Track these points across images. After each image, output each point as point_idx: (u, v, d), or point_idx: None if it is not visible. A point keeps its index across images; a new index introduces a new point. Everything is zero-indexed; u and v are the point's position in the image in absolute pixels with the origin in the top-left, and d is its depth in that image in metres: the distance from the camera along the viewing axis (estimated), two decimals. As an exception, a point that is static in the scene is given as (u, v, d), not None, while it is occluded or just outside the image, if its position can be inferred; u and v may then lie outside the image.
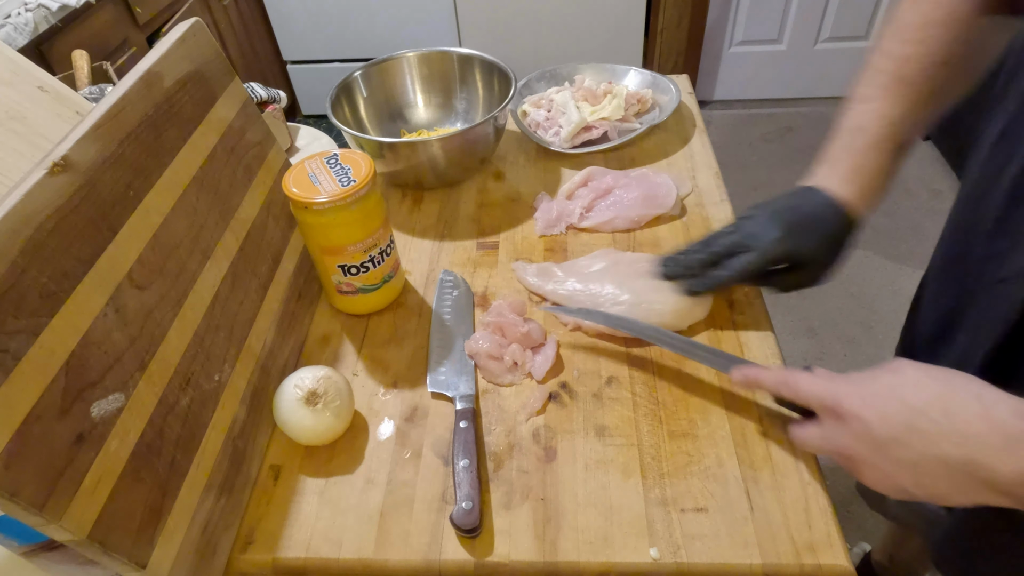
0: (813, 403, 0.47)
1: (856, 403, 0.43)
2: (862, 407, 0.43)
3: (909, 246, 1.92)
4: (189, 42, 0.57)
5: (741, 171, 2.21)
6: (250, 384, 0.55)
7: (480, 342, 0.60)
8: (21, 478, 0.34)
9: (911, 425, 0.41)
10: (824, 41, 2.38)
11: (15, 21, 1.24)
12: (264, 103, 0.93)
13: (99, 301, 0.42)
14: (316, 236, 0.59)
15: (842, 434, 0.44)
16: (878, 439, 0.42)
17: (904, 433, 0.41)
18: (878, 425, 0.42)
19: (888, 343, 1.68)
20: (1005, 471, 0.38)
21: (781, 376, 0.49)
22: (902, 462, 0.42)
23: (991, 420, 0.39)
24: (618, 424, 0.55)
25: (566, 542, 0.48)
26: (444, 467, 0.53)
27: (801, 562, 0.46)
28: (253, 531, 0.50)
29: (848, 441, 0.44)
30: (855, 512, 1.33)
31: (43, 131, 0.56)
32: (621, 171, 0.80)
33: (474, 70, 0.89)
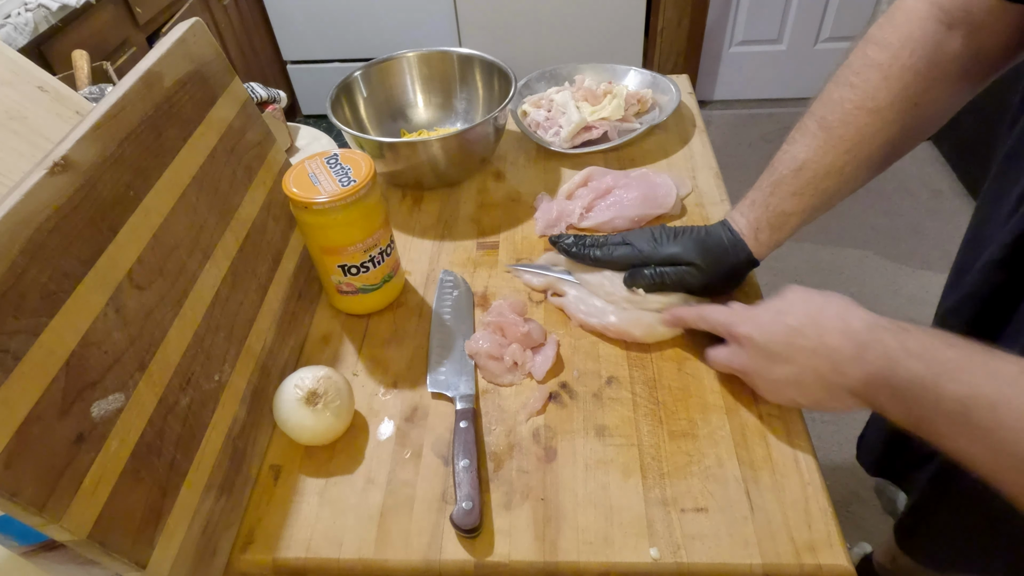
0: (720, 330, 0.54)
1: (748, 327, 0.51)
2: (753, 329, 0.51)
3: (909, 246, 1.92)
4: (189, 42, 0.57)
5: (741, 171, 2.19)
6: (250, 384, 0.55)
7: (480, 342, 0.60)
8: (21, 478, 0.34)
9: (791, 343, 0.48)
10: (824, 41, 2.38)
11: (15, 21, 1.24)
12: (264, 103, 0.93)
13: (99, 301, 0.42)
14: (316, 236, 0.59)
15: (739, 354, 0.52)
16: (767, 356, 0.50)
17: (786, 350, 0.49)
18: (765, 344, 0.50)
19: (888, 343, 1.68)
20: (855, 375, 0.45)
21: (697, 310, 0.57)
22: (787, 375, 0.49)
23: (847, 333, 0.46)
24: (618, 424, 0.55)
25: (566, 542, 0.48)
26: (444, 467, 0.53)
27: (801, 562, 0.46)
28: (253, 531, 0.50)
29: (744, 360, 0.52)
30: (855, 512, 1.33)
31: (43, 131, 0.56)
32: (621, 171, 0.80)
33: (474, 70, 0.89)
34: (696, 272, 0.60)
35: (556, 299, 0.66)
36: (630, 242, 0.64)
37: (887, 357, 0.43)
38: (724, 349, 0.54)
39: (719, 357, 0.54)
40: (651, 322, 0.60)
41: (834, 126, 0.55)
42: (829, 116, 0.56)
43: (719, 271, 0.60)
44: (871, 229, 1.97)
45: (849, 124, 0.54)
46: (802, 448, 0.52)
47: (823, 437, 1.45)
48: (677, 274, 0.60)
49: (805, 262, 1.88)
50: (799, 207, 0.57)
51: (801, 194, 0.57)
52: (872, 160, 0.56)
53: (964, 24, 0.51)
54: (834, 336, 0.46)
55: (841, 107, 0.55)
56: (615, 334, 0.61)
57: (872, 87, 0.53)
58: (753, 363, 0.51)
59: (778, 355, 0.49)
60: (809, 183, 0.56)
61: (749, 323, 0.51)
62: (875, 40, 0.54)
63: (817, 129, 0.56)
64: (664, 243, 0.62)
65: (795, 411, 0.55)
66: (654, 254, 0.61)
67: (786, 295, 0.51)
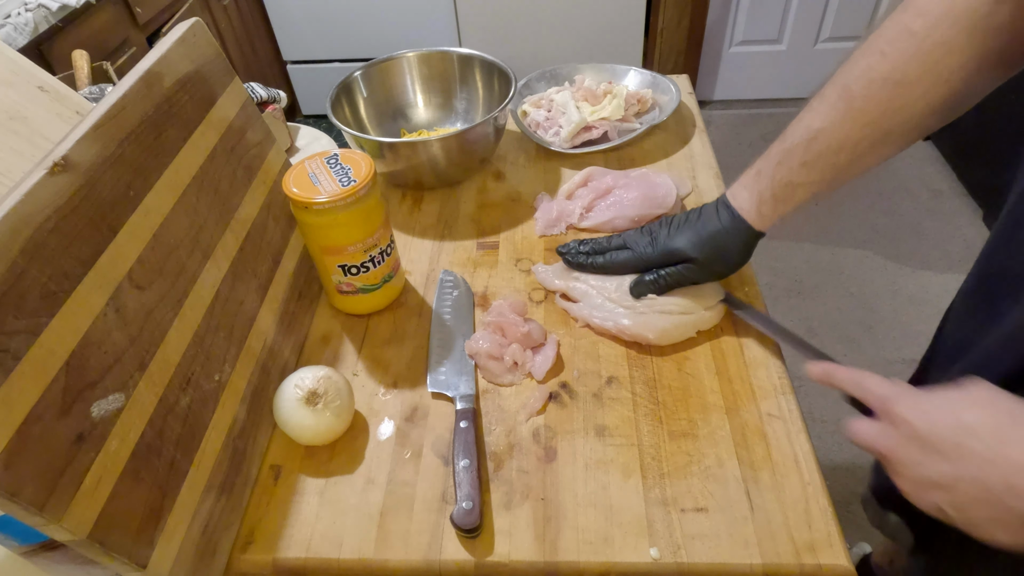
0: (874, 402, 0.47)
1: (910, 407, 0.43)
2: (915, 413, 0.43)
3: (909, 246, 1.92)
4: (189, 42, 0.57)
5: (741, 171, 2.20)
6: (250, 384, 0.55)
7: (480, 342, 0.60)
8: (21, 478, 0.34)
9: (958, 442, 0.40)
10: (824, 41, 2.38)
11: (15, 21, 1.24)
12: (264, 103, 0.93)
13: (99, 301, 0.42)
14: (316, 236, 0.59)
15: (890, 435, 0.44)
16: (922, 447, 0.42)
17: (950, 447, 0.40)
18: (925, 433, 0.41)
19: (888, 343, 1.68)
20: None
21: (854, 375, 0.49)
22: (942, 477, 0.41)
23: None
24: (618, 424, 0.55)
25: (566, 542, 0.48)
26: (444, 467, 0.53)
27: (801, 562, 0.46)
28: (253, 531, 0.50)
29: (894, 444, 0.44)
30: (855, 512, 1.32)
31: (43, 131, 0.56)
32: (621, 171, 0.80)
33: (474, 70, 0.89)
34: (695, 268, 0.59)
35: (565, 303, 0.65)
36: (629, 245, 0.63)
37: None
38: (872, 425, 0.46)
39: (864, 434, 0.46)
40: (664, 326, 0.60)
41: (856, 96, 0.51)
42: (852, 85, 0.51)
43: (719, 257, 0.59)
44: (871, 229, 1.97)
45: (872, 96, 0.50)
46: (802, 448, 0.52)
47: (823, 437, 1.45)
48: (677, 273, 0.60)
49: (805, 262, 1.88)
50: (807, 179, 0.54)
51: (811, 166, 0.54)
52: (891, 137, 0.52)
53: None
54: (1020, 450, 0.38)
55: (867, 76, 0.50)
56: (630, 337, 0.61)
57: (904, 58, 0.49)
58: (903, 451, 0.43)
59: (938, 450, 0.41)
60: (821, 155, 0.53)
61: (912, 405, 0.43)
62: (914, 7, 0.49)
63: (837, 99, 0.52)
64: (661, 240, 0.61)
65: (795, 410, 0.55)
66: (653, 255, 0.61)
67: (969, 388, 0.42)
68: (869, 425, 0.47)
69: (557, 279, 0.67)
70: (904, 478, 0.44)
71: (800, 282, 1.83)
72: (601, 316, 0.62)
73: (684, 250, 0.59)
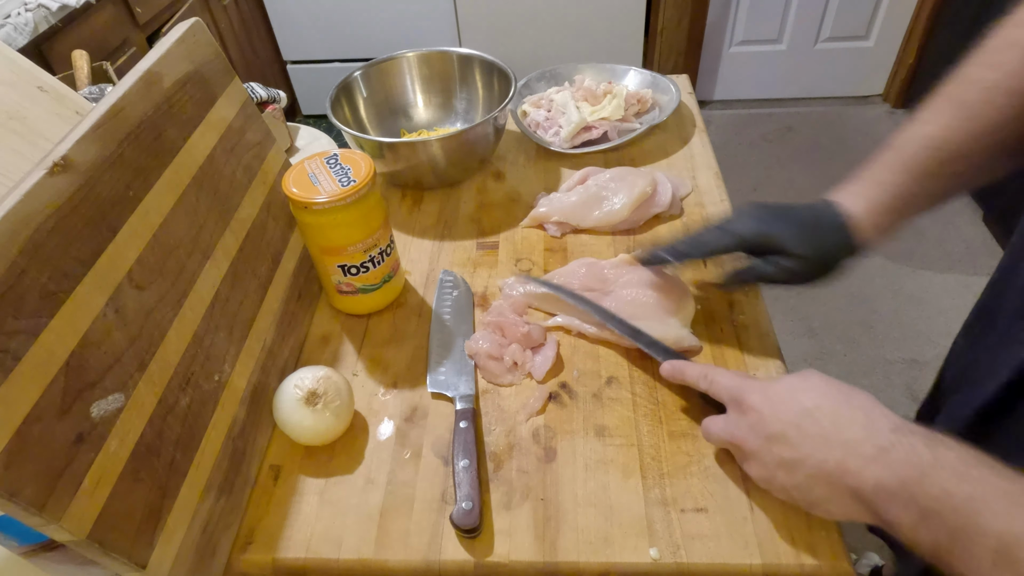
0: (724, 396, 0.49)
1: (756, 398, 0.46)
2: (761, 401, 0.46)
3: (909, 246, 1.92)
4: (189, 42, 0.57)
5: (741, 171, 2.21)
6: (250, 384, 0.55)
7: (480, 342, 0.60)
8: (21, 478, 0.34)
9: (799, 425, 0.43)
10: (824, 41, 2.38)
11: (15, 21, 1.24)
12: (264, 103, 0.93)
13: (99, 301, 0.42)
14: (316, 236, 0.59)
15: (739, 425, 0.47)
16: (768, 433, 0.45)
17: (792, 431, 0.43)
18: (770, 420, 0.45)
19: (888, 343, 1.68)
20: (868, 478, 0.39)
21: (702, 370, 0.52)
22: (785, 460, 0.44)
23: (870, 430, 0.41)
24: (618, 424, 0.55)
25: (566, 542, 0.48)
26: (444, 467, 0.53)
27: (801, 562, 0.46)
28: (253, 531, 0.50)
29: (743, 432, 0.47)
30: (855, 512, 1.32)
31: (43, 131, 0.56)
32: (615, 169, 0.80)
33: (474, 70, 0.89)
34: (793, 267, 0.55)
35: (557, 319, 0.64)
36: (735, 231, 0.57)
37: (916, 467, 0.38)
38: (722, 419, 0.49)
39: (715, 429, 0.49)
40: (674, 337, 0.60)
41: (969, 105, 0.50)
42: (964, 95, 0.50)
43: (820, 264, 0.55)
44: (871, 229, 1.97)
45: (988, 103, 0.49)
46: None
47: (823, 437, 1.45)
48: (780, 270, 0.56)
49: (805, 262, 1.88)
50: (926, 189, 0.52)
51: (935, 175, 0.52)
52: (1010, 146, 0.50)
53: None
54: (853, 429, 0.41)
55: (980, 86, 0.50)
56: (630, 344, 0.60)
57: (1013, 67, 0.48)
58: (752, 439, 0.46)
59: (781, 436, 0.44)
60: (944, 164, 0.51)
61: (759, 394, 0.46)
62: (1018, 19, 0.49)
63: (949, 108, 0.51)
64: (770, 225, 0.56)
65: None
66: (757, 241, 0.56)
67: (807, 376, 0.46)
68: (718, 419, 0.49)
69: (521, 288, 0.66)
70: (753, 464, 0.47)
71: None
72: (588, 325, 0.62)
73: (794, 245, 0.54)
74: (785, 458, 0.44)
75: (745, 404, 0.47)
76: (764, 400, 0.46)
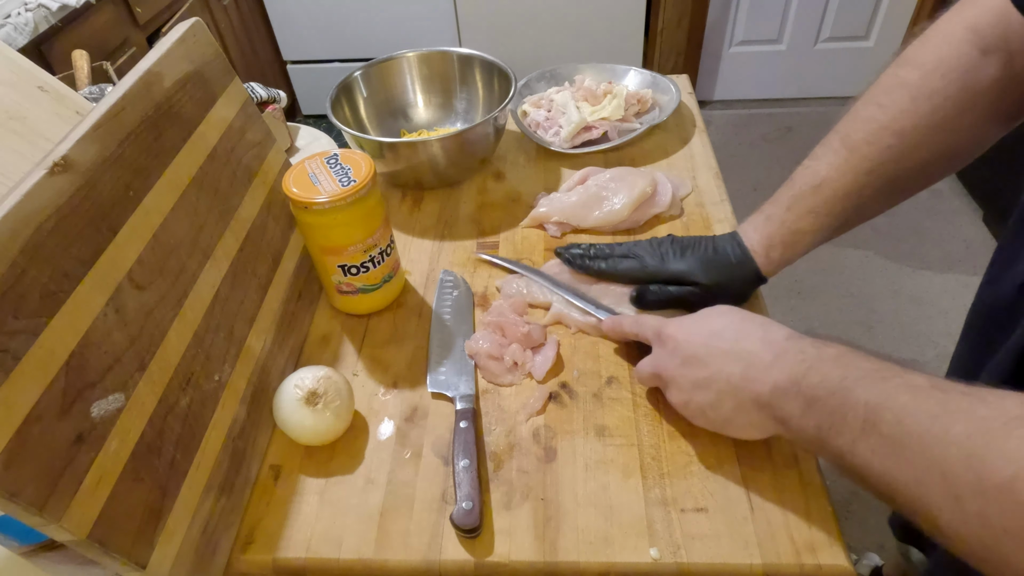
0: (650, 335, 0.53)
1: (672, 327, 0.51)
2: (676, 329, 0.50)
3: (909, 246, 1.92)
4: (189, 42, 0.57)
5: (741, 171, 2.21)
6: (250, 384, 0.55)
7: (480, 342, 0.60)
8: (21, 478, 0.34)
9: (708, 344, 0.47)
10: (824, 41, 2.38)
11: (15, 21, 1.24)
12: (264, 103, 0.93)
13: (99, 301, 0.42)
14: (316, 236, 0.59)
15: (660, 355, 0.51)
16: (683, 356, 0.49)
17: (702, 351, 0.47)
18: (684, 344, 0.49)
19: (888, 343, 1.68)
20: (766, 382, 0.43)
21: (634, 318, 0.57)
22: (698, 380, 0.47)
23: (766, 341, 0.45)
24: (618, 424, 0.55)
25: (566, 542, 0.48)
26: (444, 467, 0.53)
27: (801, 562, 0.46)
28: (253, 531, 0.50)
29: (663, 361, 0.51)
30: (855, 512, 1.33)
31: (43, 131, 0.56)
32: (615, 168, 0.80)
33: (474, 70, 0.89)
34: (699, 291, 0.59)
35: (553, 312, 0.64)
36: (636, 255, 0.63)
37: (802, 362, 0.42)
38: (649, 356, 0.53)
39: (643, 365, 0.53)
40: None
41: (858, 145, 0.53)
42: (854, 134, 0.54)
43: (724, 290, 0.59)
44: (871, 229, 1.97)
45: (873, 144, 0.52)
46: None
47: (823, 437, 1.45)
48: (680, 293, 0.60)
49: (805, 262, 1.87)
50: (814, 226, 0.56)
51: (818, 213, 0.55)
52: (895, 185, 0.54)
53: (1000, 51, 0.49)
54: (752, 342, 0.45)
55: (867, 126, 0.53)
56: None
57: (899, 108, 0.51)
58: (670, 364, 0.50)
59: (695, 357, 0.48)
60: (827, 202, 0.55)
61: (674, 324, 0.51)
62: (907, 60, 0.52)
63: (840, 147, 0.54)
64: (670, 259, 0.61)
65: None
66: (660, 270, 0.61)
67: (717, 307, 0.51)
68: (646, 359, 0.53)
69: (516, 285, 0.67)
70: (674, 390, 0.50)
71: (800, 282, 1.83)
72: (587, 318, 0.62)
73: (693, 274, 0.60)
74: (699, 377, 0.47)
75: (664, 334, 0.51)
76: (679, 328, 0.50)
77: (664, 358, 0.51)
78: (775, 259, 0.58)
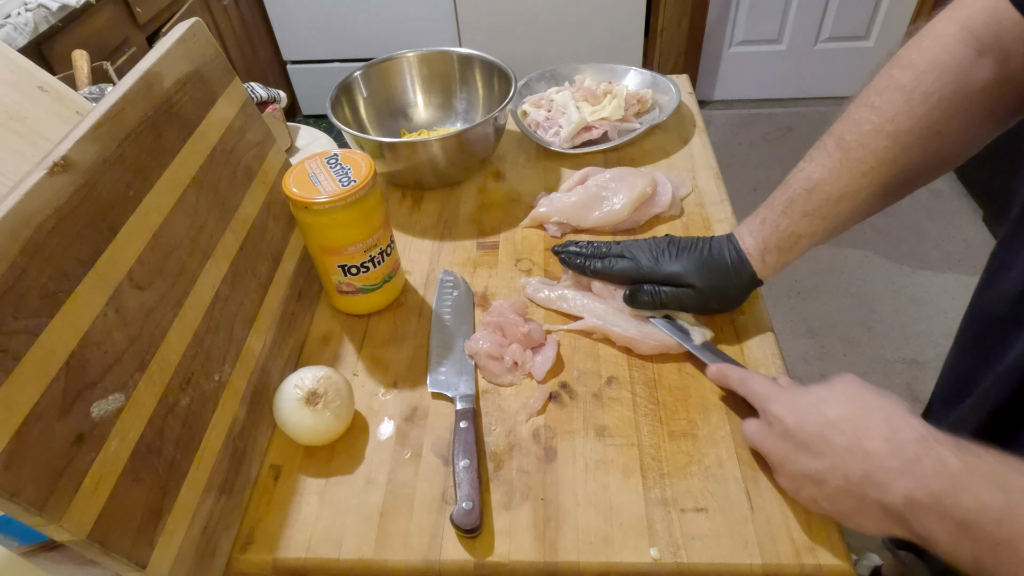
0: (756, 401, 0.50)
1: (781, 407, 0.46)
2: (786, 412, 0.46)
3: (909, 246, 1.92)
4: (189, 42, 0.57)
5: (741, 171, 2.21)
6: (250, 384, 0.55)
7: (480, 342, 0.60)
8: (21, 478, 0.34)
9: (823, 436, 0.43)
10: (824, 41, 2.38)
11: (15, 21, 1.24)
12: (264, 103, 0.93)
13: (99, 301, 0.42)
14: (316, 236, 0.59)
15: (768, 435, 0.47)
16: (794, 444, 0.45)
17: (816, 442, 0.43)
18: (795, 430, 0.45)
19: (888, 343, 1.68)
20: (897, 491, 0.39)
21: (740, 375, 0.53)
22: (811, 472, 0.43)
23: (893, 441, 0.40)
24: (618, 424, 0.55)
25: (566, 542, 0.48)
26: (444, 467, 0.53)
27: (801, 562, 0.46)
28: (253, 531, 0.50)
29: (772, 442, 0.47)
30: (855, 512, 1.32)
31: (43, 131, 0.56)
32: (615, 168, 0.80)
33: (474, 70, 0.89)
34: (694, 294, 0.59)
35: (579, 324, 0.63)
36: (631, 256, 0.62)
37: (948, 477, 0.37)
38: (754, 424, 0.49)
39: (748, 434, 0.50)
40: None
41: (852, 147, 0.53)
42: (848, 136, 0.53)
43: (719, 293, 0.59)
44: (871, 229, 1.97)
45: (867, 146, 0.52)
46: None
47: (823, 437, 1.44)
48: (675, 295, 0.60)
49: (805, 262, 1.88)
50: (809, 229, 0.55)
51: (813, 216, 0.55)
52: (889, 187, 0.53)
53: (994, 51, 0.48)
54: (875, 441, 0.40)
55: (860, 128, 0.52)
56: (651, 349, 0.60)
57: (893, 110, 0.51)
58: (779, 448, 0.46)
59: (806, 446, 0.44)
60: (822, 205, 0.54)
61: (784, 403, 0.47)
62: (901, 61, 0.52)
63: (834, 149, 0.54)
64: (665, 260, 0.60)
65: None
66: (655, 271, 0.60)
67: (835, 383, 0.46)
68: (752, 423, 0.50)
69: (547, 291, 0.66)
70: (781, 475, 0.47)
71: (800, 282, 1.83)
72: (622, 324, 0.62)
73: (688, 275, 0.59)
74: (812, 469, 0.43)
75: (771, 414, 0.47)
76: (789, 410, 0.46)
77: (771, 439, 0.47)
78: (771, 263, 0.58)
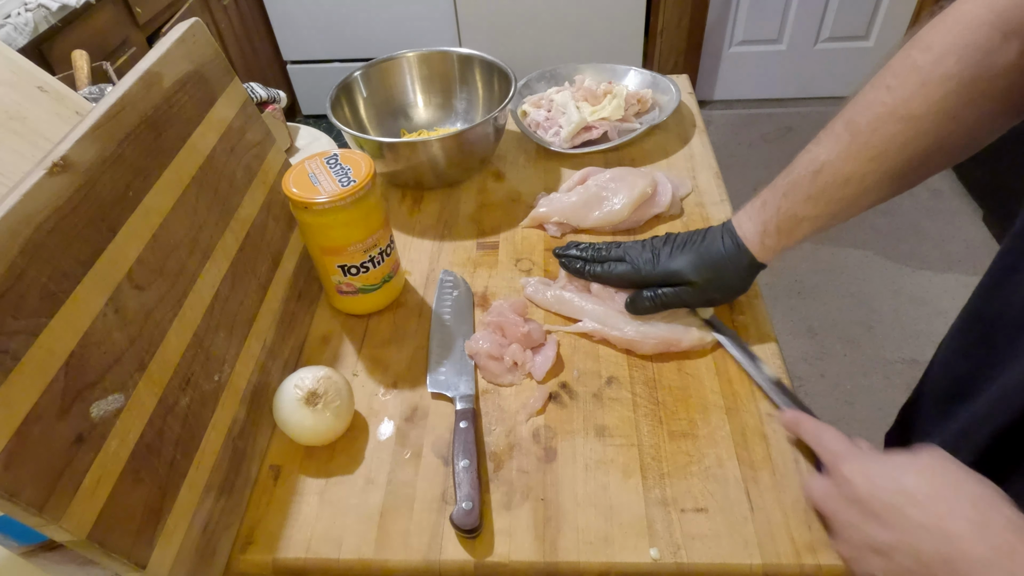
0: (826, 458, 0.46)
1: (854, 469, 0.43)
2: (858, 474, 0.42)
3: (909, 246, 1.92)
4: (189, 42, 0.57)
5: (741, 171, 2.21)
6: (250, 384, 0.55)
7: (480, 342, 0.60)
8: (21, 478, 0.34)
9: (897, 507, 0.39)
10: (824, 41, 2.38)
11: (15, 21, 1.24)
12: (264, 103, 0.93)
13: (99, 301, 0.42)
14: (316, 236, 0.59)
15: (835, 496, 0.44)
16: (862, 510, 0.41)
17: (888, 513, 0.40)
18: (866, 496, 0.41)
19: (888, 343, 1.68)
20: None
21: (814, 428, 0.49)
22: (877, 543, 0.40)
23: (981, 526, 0.36)
24: (618, 424, 0.55)
25: (566, 542, 0.48)
26: (444, 467, 0.53)
27: (801, 562, 0.46)
28: (253, 531, 0.50)
29: (837, 504, 0.44)
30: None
31: (43, 131, 0.56)
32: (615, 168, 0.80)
33: (474, 70, 0.89)
34: (693, 291, 0.59)
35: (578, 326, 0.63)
36: (630, 259, 0.62)
37: None
38: (820, 482, 0.46)
39: (811, 491, 0.47)
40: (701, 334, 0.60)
41: (862, 130, 0.50)
42: (858, 119, 0.51)
43: (718, 284, 0.58)
44: (871, 229, 1.97)
45: (878, 130, 0.49)
46: (802, 448, 0.52)
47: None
48: (676, 294, 0.59)
49: (805, 262, 1.88)
50: (812, 212, 0.54)
51: (816, 199, 0.53)
52: (898, 173, 0.51)
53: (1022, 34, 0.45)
54: (959, 523, 0.36)
55: (872, 110, 0.50)
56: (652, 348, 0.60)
57: (909, 92, 0.48)
58: (844, 512, 0.43)
59: (876, 515, 0.40)
60: (826, 188, 0.52)
61: (858, 465, 0.43)
62: (921, 42, 0.49)
63: (843, 131, 0.51)
64: (662, 259, 0.60)
65: (795, 411, 0.55)
66: (652, 272, 0.60)
67: (920, 454, 0.41)
68: (818, 482, 0.46)
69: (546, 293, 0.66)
70: (842, 541, 0.43)
71: (800, 282, 1.83)
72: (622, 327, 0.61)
73: (685, 273, 0.58)
74: (878, 541, 0.40)
75: (841, 474, 0.43)
76: (862, 473, 0.42)
77: (836, 500, 0.44)
78: (770, 245, 0.56)
